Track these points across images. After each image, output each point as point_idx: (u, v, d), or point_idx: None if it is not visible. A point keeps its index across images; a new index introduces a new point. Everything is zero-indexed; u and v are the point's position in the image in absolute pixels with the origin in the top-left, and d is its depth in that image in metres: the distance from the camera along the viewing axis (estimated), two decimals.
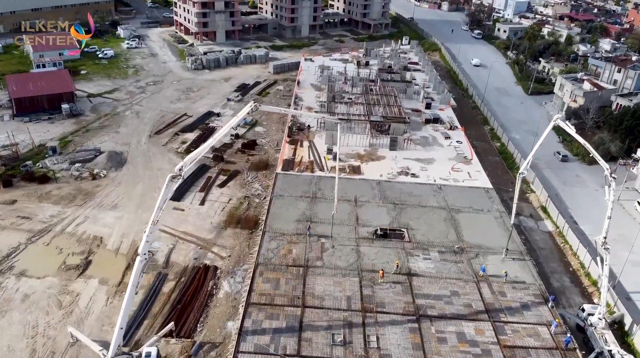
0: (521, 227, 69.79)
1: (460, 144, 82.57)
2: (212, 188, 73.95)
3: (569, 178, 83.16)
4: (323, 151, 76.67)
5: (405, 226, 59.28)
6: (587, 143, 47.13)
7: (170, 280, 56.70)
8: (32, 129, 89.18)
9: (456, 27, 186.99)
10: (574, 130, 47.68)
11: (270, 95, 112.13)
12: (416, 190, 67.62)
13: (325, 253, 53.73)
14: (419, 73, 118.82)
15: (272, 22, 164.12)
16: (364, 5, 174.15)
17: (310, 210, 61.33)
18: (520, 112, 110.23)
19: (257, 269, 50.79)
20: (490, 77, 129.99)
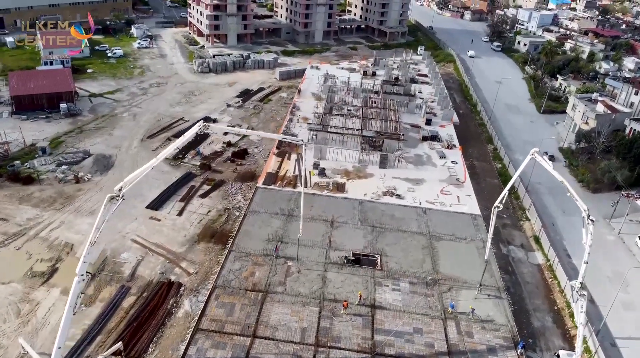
0: (509, 258, 66.29)
1: (455, 164, 79.14)
2: (193, 197, 72.55)
3: (569, 205, 78.45)
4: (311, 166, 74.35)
5: (379, 252, 56.56)
6: (566, 181, 43.55)
7: (132, 294, 55.34)
8: (28, 127, 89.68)
9: (476, 38, 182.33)
10: (551, 166, 44.24)
11: (272, 102, 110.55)
12: (399, 213, 64.74)
13: (289, 277, 51.48)
14: (426, 86, 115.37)
15: (286, 27, 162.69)
16: (381, 12, 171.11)
17: (284, 229, 59.15)
18: (528, 132, 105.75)
19: (213, 292, 48.87)
20: (503, 93, 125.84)
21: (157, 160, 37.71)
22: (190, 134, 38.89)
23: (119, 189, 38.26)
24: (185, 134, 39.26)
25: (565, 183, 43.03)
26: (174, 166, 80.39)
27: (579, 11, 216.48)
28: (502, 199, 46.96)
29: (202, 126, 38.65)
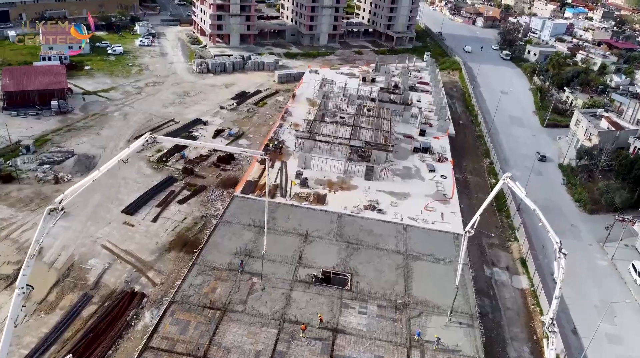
0: (492, 280, 63.41)
1: (444, 179, 76.42)
2: (170, 203, 70.87)
3: (562, 226, 75.28)
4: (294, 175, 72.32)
5: (351, 271, 54.24)
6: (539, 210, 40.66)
7: (93, 303, 53.76)
8: (17, 124, 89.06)
9: (486, 45, 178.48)
10: (523, 192, 41.44)
11: (267, 106, 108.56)
12: (378, 228, 62.33)
13: (252, 295, 49.45)
14: (426, 95, 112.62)
15: (291, 29, 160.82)
16: (388, 17, 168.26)
17: (255, 242, 57.12)
18: (528, 146, 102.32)
19: (169, 307, 47.08)
20: (507, 104, 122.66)
21: (99, 172, 36.07)
22: (135, 147, 37.11)
23: (59, 202, 36.12)
24: (130, 146, 37.48)
25: (538, 212, 40.21)
26: (157, 169, 78.92)
27: (596, 21, 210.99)
28: (474, 224, 44.21)
29: (149, 138, 36.76)
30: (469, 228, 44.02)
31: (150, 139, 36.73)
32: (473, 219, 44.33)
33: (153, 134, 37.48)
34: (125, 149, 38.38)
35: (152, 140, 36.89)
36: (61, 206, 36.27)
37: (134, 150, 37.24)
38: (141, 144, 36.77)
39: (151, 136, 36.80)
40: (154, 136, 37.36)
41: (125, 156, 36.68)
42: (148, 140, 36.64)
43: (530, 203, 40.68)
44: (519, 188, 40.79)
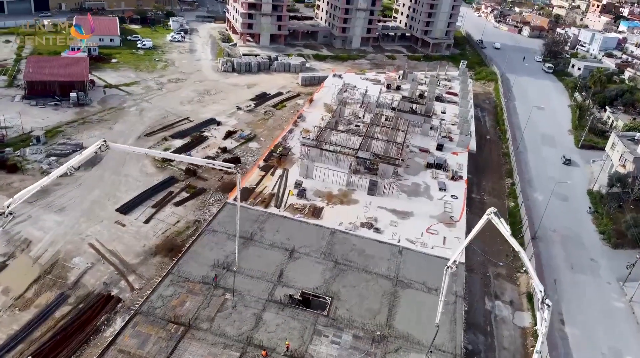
0: (491, 315, 58.49)
1: (455, 199, 71.62)
2: (167, 205, 69.51)
3: (580, 260, 69.38)
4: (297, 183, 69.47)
5: (332, 295, 50.89)
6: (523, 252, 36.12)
7: (68, 304, 52.78)
8: (35, 113, 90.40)
9: (529, 56, 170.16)
10: (508, 231, 36.95)
11: (285, 109, 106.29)
12: (371, 249, 58.64)
13: (221, 312, 47.01)
14: (452, 106, 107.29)
15: (323, 30, 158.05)
16: (426, 22, 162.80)
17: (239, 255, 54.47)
18: (557, 168, 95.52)
19: (133, 318, 45.24)
20: (542, 120, 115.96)
21: (48, 178, 34.35)
22: (87, 153, 35.35)
23: (7, 206, 34.71)
24: (82, 153, 35.80)
25: (522, 254, 35.78)
26: (160, 168, 77.86)
27: None
28: (458, 256, 39.97)
29: (101, 144, 34.86)
30: (450, 263, 39.87)
31: (103, 146, 34.74)
32: (455, 254, 40.15)
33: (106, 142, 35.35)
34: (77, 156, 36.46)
35: (104, 147, 34.95)
36: (8, 211, 34.55)
37: (85, 157, 35.52)
38: (93, 151, 34.83)
39: (104, 143, 34.77)
40: (107, 143, 35.29)
41: (76, 163, 34.85)
42: (101, 147, 34.69)
43: (514, 244, 36.30)
44: (504, 226, 36.45)
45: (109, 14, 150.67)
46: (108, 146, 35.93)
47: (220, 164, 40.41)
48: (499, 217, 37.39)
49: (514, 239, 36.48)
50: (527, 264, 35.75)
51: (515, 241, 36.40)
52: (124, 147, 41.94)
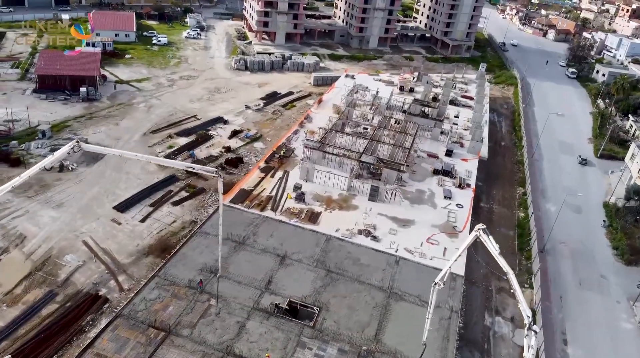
0: (490, 332, 55.90)
1: (460, 208, 69.03)
2: (164, 204, 68.73)
3: (589, 276, 66.09)
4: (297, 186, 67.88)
5: (321, 305, 49.15)
6: (512, 274, 33.73)
7: (56, 302, 52.24)
8: (44, 107, 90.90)
9: (553, 59, 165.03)
10: (497, 250, 34.60)
11: (294, 109, 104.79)
12: (366, 258, 56.67)
13: (204, 319, 45.75)
14: (467, 110, 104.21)
15: (340, 29, 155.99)
16: (446, 23, 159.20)
17: (227, 259, 53.37)
18: (573, 178, 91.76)
19: (114, 321, 44.33)
20: (561, 127, 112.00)
21: (20, 178, 33.34)
22: (59, 154, 34.39)
23: None
24: (55, 153, 34.77)
25: (511, 276, 33.48)
26: (162, 166, 77.14)
27: None
28: (443, 276, 37.76)
29: (74, 145, 33.84)
30: (438, 280, 37.68)
31: (76, 147, 33.73)
32: (443, 271, 37.92)
33: (79, 143, 34.32)
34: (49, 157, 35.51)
35: (77, 148, 33.93)
36: None
37: (57, 158, 34.54)
38: (66, 152, 33.84)
39: (77, 144, 33.75)
40: (80, 143, 34.27)
41: (48, 163, 33.88)
42: (74, 148, 33.67)
43: (503, 264, 34.01)
44: (492, 244, 34.15)
45: (128, 9, 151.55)
46: (81, 147, 34.81)
47: (200, 169, 39.07)
48: (487, 234, 35.04)
49: (503, 259, 34.11)
50: (515, 286, 33.42)
51: (504, 261, 34.10)
52: (98, 148, 40.83)
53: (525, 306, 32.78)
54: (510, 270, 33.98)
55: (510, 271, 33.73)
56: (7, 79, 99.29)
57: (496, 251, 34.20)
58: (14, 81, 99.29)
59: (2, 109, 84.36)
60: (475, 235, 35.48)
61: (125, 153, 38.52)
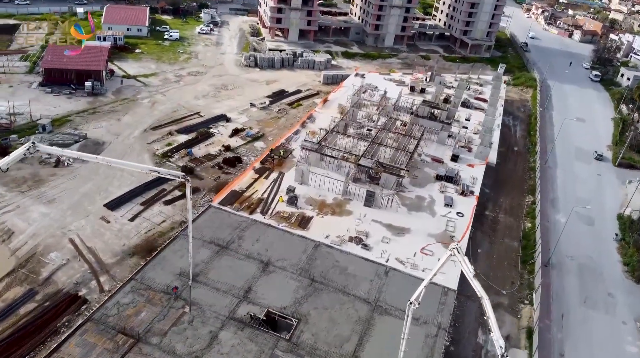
0: (482, 351, 52.90)
1: (460, 217, 65.94)
2: (156, 203, 67.54)
3: (595, 294, 62.28)
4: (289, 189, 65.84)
5: (300, 316, 47.05)
6: (487, 299, 30.86)
7: (35, 301, 51.45)
8: (48, 101, 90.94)
9: (577, 61, 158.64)
10: (471, 272, 31.83)
11: (301, 107, 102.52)
12: (354, 267, 54.33)
13: (176, 327, 44.20)
14: (478, 113, 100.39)
15: (355, 27, 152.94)
16: (466, 22, 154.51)
17: (207, 264, 51.76)
18: (588, 188, 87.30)
19: (83, 325, 43.12)
20: (579, 133, 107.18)
21: None
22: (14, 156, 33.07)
23: None
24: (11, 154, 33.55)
25: (485, 302, 30.69)
26: (158, 164, 76.07)
27: None
28: (419, 295, 35.13)
29: (31, 147, 32.46)
30: (413, 299, 35.09)
31: (32, 149, 32.35)
32: (418, 290, 35.28)
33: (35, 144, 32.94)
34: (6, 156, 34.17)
35: (34, 150, 32.55)
36: None
37: (13, 159, 33.30)
38: (22, 153, 32.48)
39: (32, 145, 32.37)
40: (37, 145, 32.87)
41: (3, 164, 32.58)
42: (30, 149, 32.32)
43: (478, 288, 31.26)
44: (467, 265, 31.44)
45: (143, 3, 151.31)
46: (37, 148, 33.42)
47: (167, 173, 37.30)
48: (461, 253, 32.32)
49: (478, 282, 31.35)
50: (489, 313, 30.67)
51: (479, 285, 31.32)
52: (52, 149, 39.20)
53: (498, 336, 30.10)
54: (485, 295, 31.21)
55: (485, 297, 30.99)
56: (16, 72, 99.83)
57: (470, 273, 31.50)
58: (22, 73, 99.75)
59: (6, 102, 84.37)
60: (450, 253, 32.76)
61: (84, 155, 37.11)
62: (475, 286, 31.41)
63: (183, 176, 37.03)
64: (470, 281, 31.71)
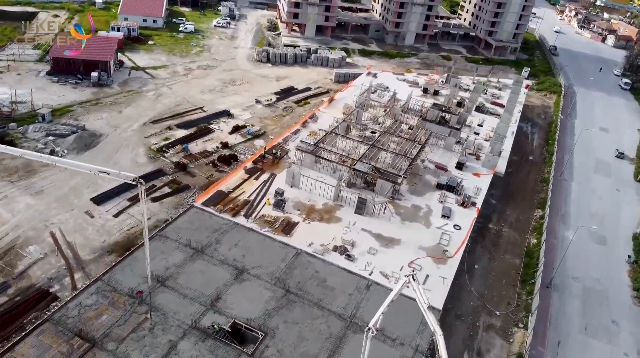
0: None
1: (457, 230, 62.21)
2: None
3: (599, 321, 57.82)
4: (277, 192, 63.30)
5: (267, 330, 44.55)
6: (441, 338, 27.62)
7: (6, 295, 50.58)
8: (53, 90, 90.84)
9: (608, 67, 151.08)
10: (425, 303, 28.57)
11: (308, 106, 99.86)
12: (334, 279, 51.47)
13: (135, 333, 42.32)
14: (492, 118, 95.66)
15: (375, 24, 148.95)
16: (491, 22, 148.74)
17: (180, 268, 49.75)
18: (604, 203, 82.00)
19: (42, 325, 41.68)
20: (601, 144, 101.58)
21: None
22: None
23: None
24: None
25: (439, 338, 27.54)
26: (152, 158, 74.88)
27: None
28: (377, 321, 32.11)
29: None
30: (371, 325, 32.09)
31: None
32: (376, 316, 32.25)
33: None
34: None
35: None
36: None
37: None
38: None
39: None
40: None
41: None
42: None
43: (432, 322, 28.05)
44: (421, 295, 28.28)
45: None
46: None
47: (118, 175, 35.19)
48: (417, 281, 29.18)
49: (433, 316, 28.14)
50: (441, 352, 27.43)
51: (434, 319, 28.14)
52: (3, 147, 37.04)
53: None
54: (440, 330, 28.06)
55: (439, 333, 27.84)
56: (26, 60, 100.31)
57: (425, 304, 28.36)
58: (32, 62, 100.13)
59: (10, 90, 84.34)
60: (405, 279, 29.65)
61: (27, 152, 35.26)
62: (429, 319, 28.25)
63: (135, 179, 34.82)
64: (424, 313, 28.57)
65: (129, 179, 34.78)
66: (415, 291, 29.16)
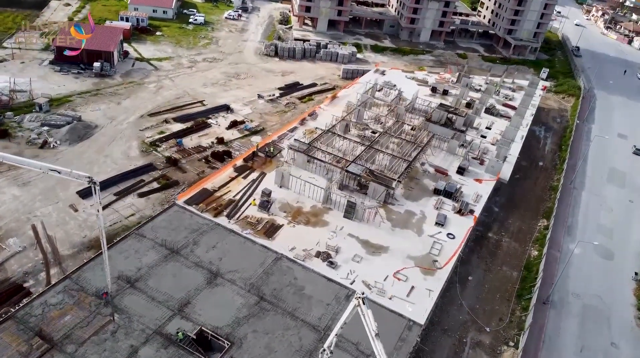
0: None
1: (451, 239, 59.22)
2: (130, 194, 64.77)
3: (596, 342, 54.27)
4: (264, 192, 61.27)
5: (235, 339, 42.60)
6: None
7: None
8: (54, 80, 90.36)
9: (632, 71, 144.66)
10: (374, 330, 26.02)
11: (311, 102, 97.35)
12: (313, 288, 49.22)
13: (96, 336, 40.91)
14: (502, 121, 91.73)
15: (390, 19, 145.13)
16: (511, 20, 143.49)
17: (153, 269, 48.18)
18: (614, 215, 77.73)
19: (5, 322, 40.63)
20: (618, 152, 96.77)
21: None
22: None
23: None
24: None
25: None
26: (145, 152, 73.55)
27: None
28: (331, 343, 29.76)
29: None
30: (326, 346, 29.78)
31: None
32: (330, 338, 29.92)
33: None
34: None
35: None
36: None
37: None
38: None
39: None
40: None
41: None
42: None
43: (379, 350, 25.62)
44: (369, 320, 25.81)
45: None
46: None
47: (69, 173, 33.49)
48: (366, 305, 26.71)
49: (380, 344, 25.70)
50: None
51: (381, 348, 25.65)
52: None
53: None
54: None
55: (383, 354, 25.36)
56: (31, 48, 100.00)
57: (373, 331, 25.89)
58: (37, 50, 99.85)
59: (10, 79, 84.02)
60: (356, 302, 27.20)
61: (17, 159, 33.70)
62: (376, 348, 25.81)
63: (89, 178, 33.10)
64: (372, 341, 26.12)
65: (81, 178, 33.05)
66: (363, 316, 26.71)
